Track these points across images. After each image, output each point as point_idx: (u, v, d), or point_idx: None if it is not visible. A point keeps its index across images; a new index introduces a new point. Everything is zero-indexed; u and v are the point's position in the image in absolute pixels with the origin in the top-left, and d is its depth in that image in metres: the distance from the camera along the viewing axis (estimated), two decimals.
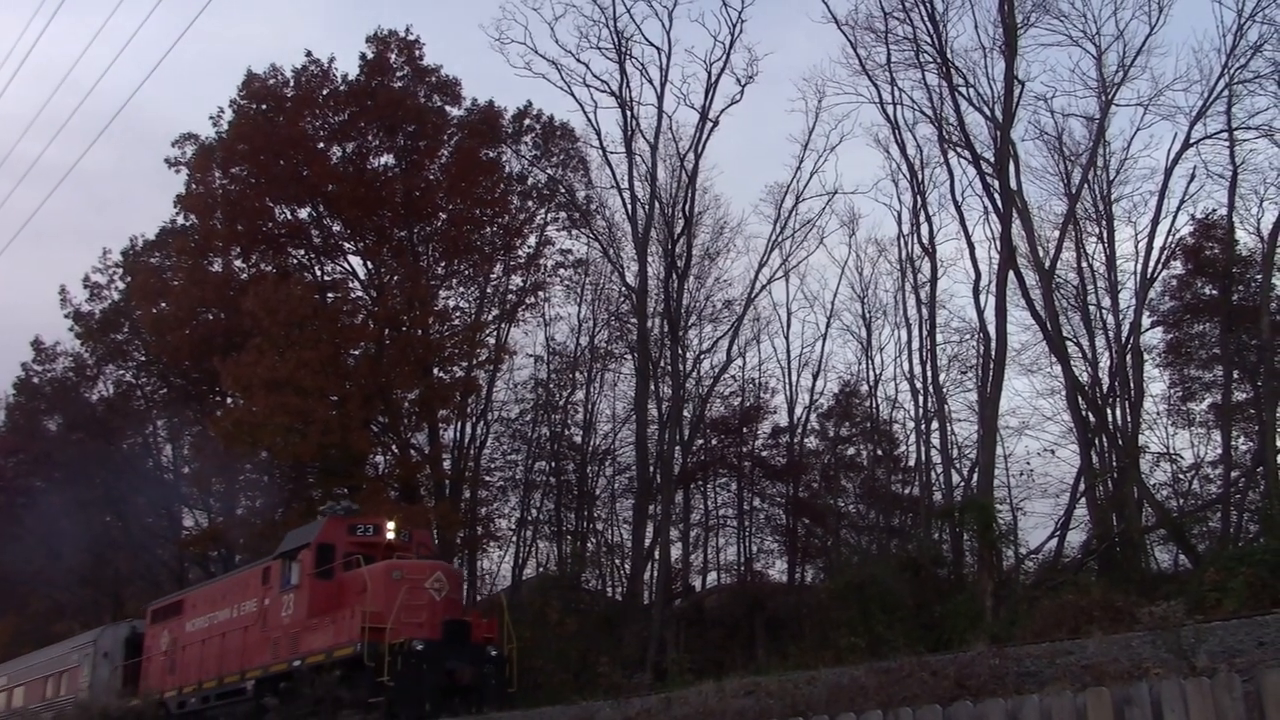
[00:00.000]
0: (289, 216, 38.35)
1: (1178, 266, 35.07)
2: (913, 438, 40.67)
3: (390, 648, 19.30)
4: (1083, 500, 32.58)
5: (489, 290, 40.38)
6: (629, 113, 37.78)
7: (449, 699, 19.57)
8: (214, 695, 23.66)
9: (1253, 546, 25.66)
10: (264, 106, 37.20)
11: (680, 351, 38.94)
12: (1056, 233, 34.45)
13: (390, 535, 22.89)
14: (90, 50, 73.23)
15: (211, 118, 37.93)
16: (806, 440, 42.77)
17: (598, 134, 38.81)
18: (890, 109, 35.09)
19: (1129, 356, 32.96)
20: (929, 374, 37.34)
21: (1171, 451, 37.10)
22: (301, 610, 22.00)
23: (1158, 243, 32.88)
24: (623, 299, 40.89)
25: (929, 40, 33.09)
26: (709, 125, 37.64)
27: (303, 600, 22.06)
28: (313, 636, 21.29)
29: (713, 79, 37.54)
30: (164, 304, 38.52)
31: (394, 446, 38.87)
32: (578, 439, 42.78)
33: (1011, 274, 31.53)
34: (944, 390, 36.92)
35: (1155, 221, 32.75)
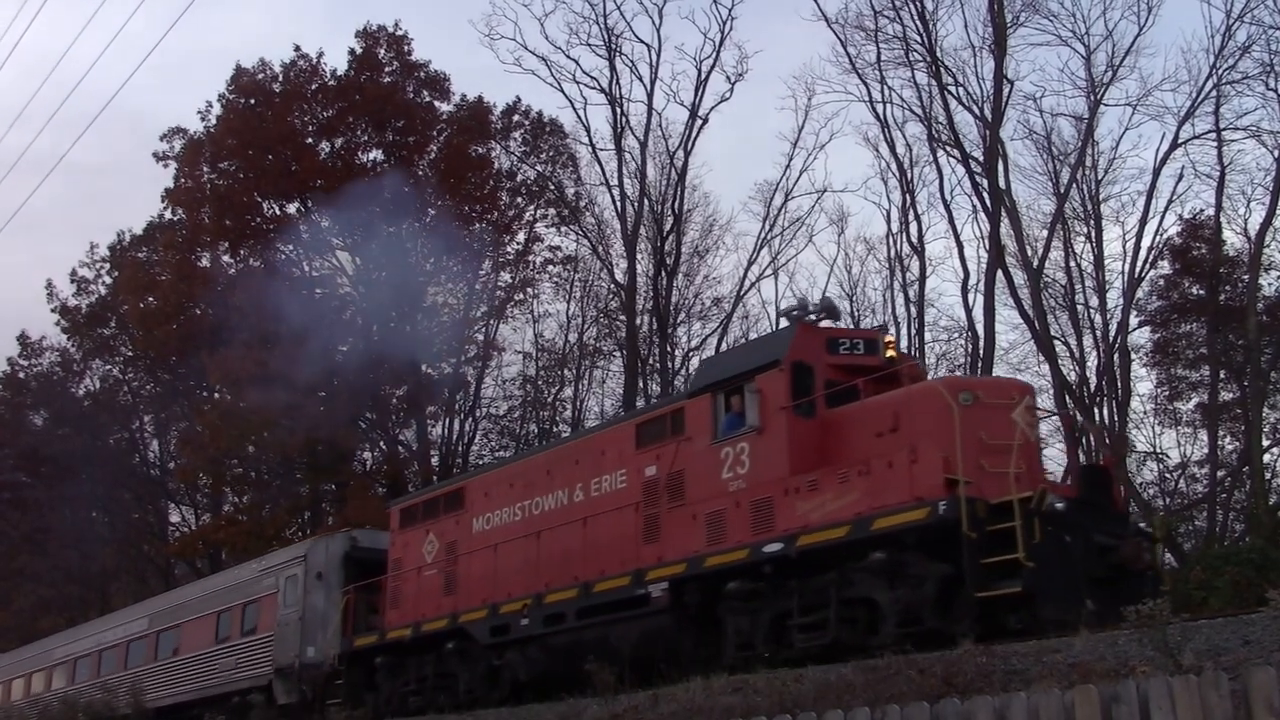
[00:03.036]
0: (277, 211, 38.24)
1: (1165, 266, 35.15)
2: None
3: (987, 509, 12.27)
4: None
5: (478, 286, 40.30)
6: (619, 110, 37.78)
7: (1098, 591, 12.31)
8: (574, 611, 16.37)
9: (1238, 545, 25.80)
10: (252, 101, 37.08)
11: (669, 349, 38.94)
12: (1045, 232, 34.50)
13: (889, 355, 15.72)
14: (80, 41, 73.01)
15: (200, 112, 37.86)
16: None
17: (587, 131, 38.81)
18: (880, 107, 35.10)
19: (1116, 356, 33.04)
20: None
21: (1158, 450, 37.22)
22: (770, 465, 14.62)
23: (1145, 242, 32.95)
24: (612, 296, 40.87)
25: (919, 39, 33.16)
26: (699, 123, 37.66)
27: (772, 449, 14.61)
28: (803, 504, 13.96)
29: (703, 76, 37.55)
30: (151, 298, 38.41)
31: (382, 442, 38.81)
32: (566, 435, 42.73)
33: (1000, 273, 31.62)
34: None
35: (1143, 221, 32.83)
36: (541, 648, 16.87)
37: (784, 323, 17.11)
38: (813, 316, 16.21)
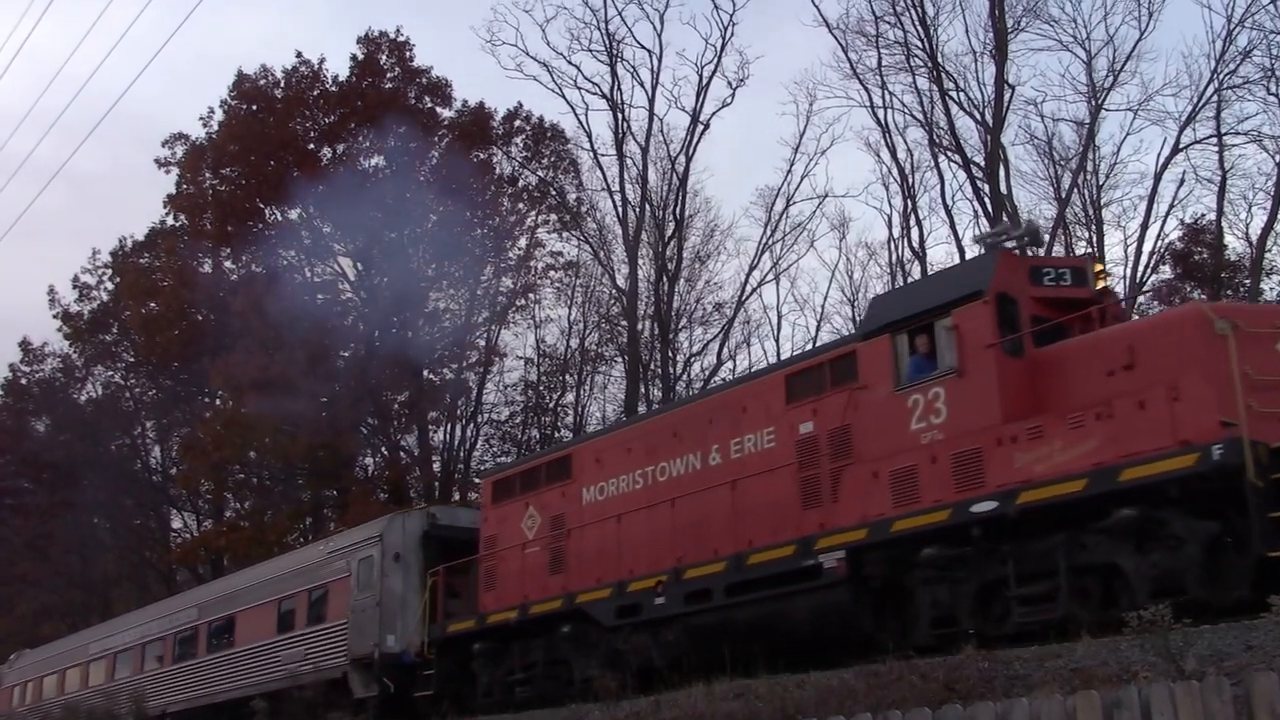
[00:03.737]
0: (279, 217, 38.27)
1: (1167, 271, 35.19)
2: None
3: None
4: None
5: (479, 292, 40.31)
6: (620, 115, 37.83)
7: None
8: (722, 588, 14.55)
9: None
10: (254, 107, 37.15)
11: (671, 354, 38.94)
12: (1046, 237, 34.48)
13: (1099, 285, 13.85)
14: (83, 46, 73.14)
15: (202, 118, 37.90)
16: None
17: (589, 136, 38.84)
18: (881, 113, 35.12)
19: None
20: None
21: None
22: (975, 412, 12.65)
23: (1147, 247, 32.98)
24: (613, 301, 40.89)
25: (920, 44, 33.23)
26: (700, 128, 37.70)
27: (978, 394, 12.69)
28: (1022, 455, 11.99)
29: (704, 82, 37.60)
30: (153, 304, 38.46)
31: (383, 448, 38.80)
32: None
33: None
34: None
35: (1145, 226, 32.88)
36: (680, 629, 15.01)
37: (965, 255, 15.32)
38: (1013, 243, 14.38)
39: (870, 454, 13.56)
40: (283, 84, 37.48)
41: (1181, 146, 31.84)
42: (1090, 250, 33.99)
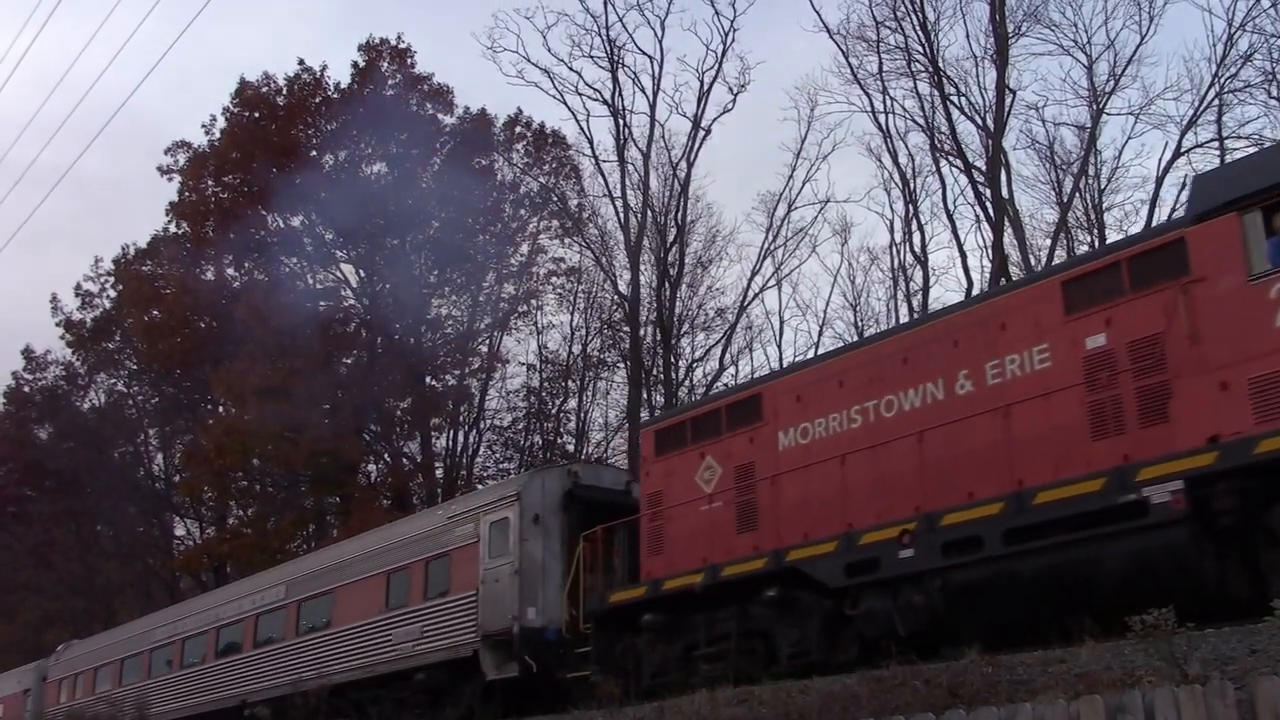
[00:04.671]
0: (281, 224, 38.34)
1: None
2: None
3: None
4: None
5: (481, 298, 40.34)
6: (621, 121, 37.81)
7: None
8: (998, 534, 12.01)
9: None
10: (256, 114, 37.23)
11: (673, 360, 38.93)
12: (1048, 241, 34.49)
13: None
14: (87, 53, 73.29)
15: (204, 125, 38.06)
16: None
17: (590, 142, 38.82)
18: (882, 118, 35.08)
19: None
20: None
21: None
22: None
23: None
24: (615, 307, 40.87)
25: (921, 49, 33.21)
26: (701, 134, 37.68)
27: None
28: None
29: (705, 87, 37.57)
30: (156, 312, 38.52)
31: (386, 455, 38.82)
32: (570, 447, 42.75)
33: (1003, 282, 31.58)
34: None
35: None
36: (935, 587, 12.47)
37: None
38: None
39: (1214, 361, 10.96)
40: (285, 91, 37.60)
41: (1183, 150, 31.83)
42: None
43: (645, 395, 38.22)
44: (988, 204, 32.28)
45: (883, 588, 12.97)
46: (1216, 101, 31.10)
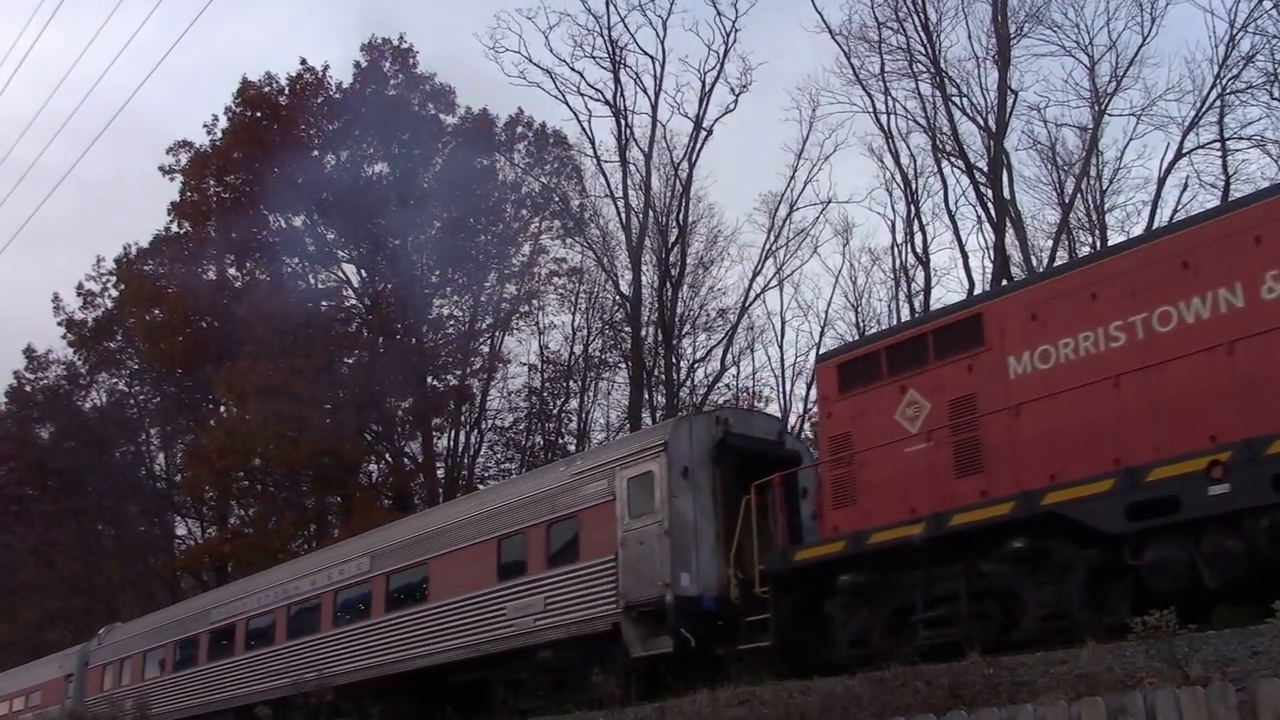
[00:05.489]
0: (283, 224, 38.37)
1: None
2: None
3: None
4: None
5: (483, 299, 40.36)
6: (623, 121, 37.83)
7: None
8: None
9: None
10: (258, 114, 37.27)
11: (674, 360, 38.93)
12: (1050, 242, 34.49)
13: None
14: (89, 53, 73.34)
15: (206, 125, 38.07)
16: None
17: (592, 142, 38.84)
18: (884, 118, 35.08)
19: None
20: None
21: None
22: None
23: None
24: (617, 308, 40.88)
25: (922, 50, 33.24)
26: (703, 134, 37.69)
27: None
28: None
29: (707, 88, 37.59)
30: (158, 311, 38.54)
31: (387, 455, 38.84)
32: (572, 448, 42.78)
33: (1005, 283, 31.58)
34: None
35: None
36: (1258, 529, 10.49)
37: None
38: None
39: None
40: (287, 91, 37.63)
41: (1185, 151, 31.82)
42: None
43: (647, 396, 38.22)
44: (989, 205, 32.30)
45: (1178, 533, 11.02)
46: (1218, 103, 31.11)
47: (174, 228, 39.84)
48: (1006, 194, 31.89)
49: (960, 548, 12.59)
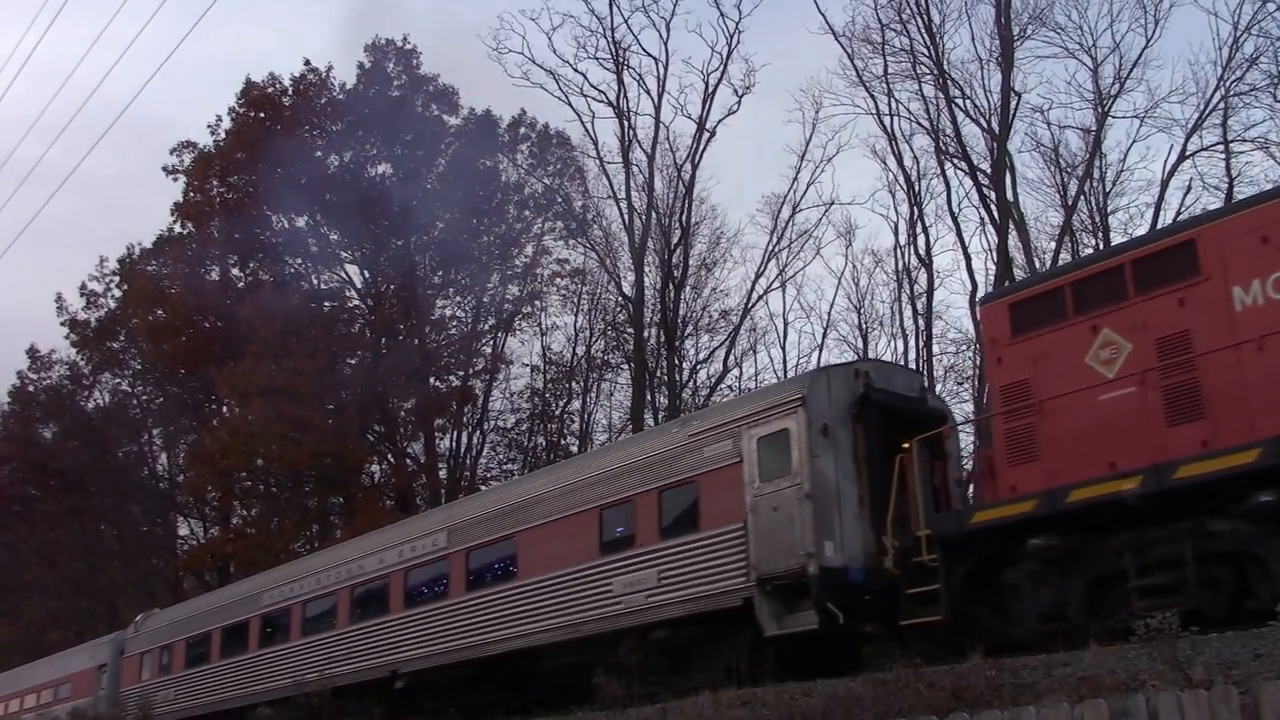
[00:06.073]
0: (286, 224, 38.40)
1: None
2: None
3: None
4: None
5: (486, 300, 40.39)
6: (626, 123, 37.83)
7: None
8: None
9: None
10: (262, 114, 37.31)
11: (677, 361, 38.91)
12: (1053, 244, 34.43)
13: None
14: (93, 53, 73.41)
15: (210, 126, 38.09)
16: None
17: (595, 144, 38.84)
18: (887, 120, 35.04)
19: None
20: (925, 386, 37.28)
21: None
22: None
23: None
24: (619, 309, 40.88)
25: (926, 52, 33.21)
26: (706, 136, 37.67)
27: None
28: None
29: (710, 90, 37.57)
30: (161, 312, 38.57)
31: (390, 455, 38.85)
32: (574, 449, 42.79)
33: (1008, 285, 31.58)
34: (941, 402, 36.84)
35: None
36: None
37: None
38: None
39: None
40: (290, 91, 37.67)
41: (1188, 154, 31.76)
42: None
43: (649, 397, 38.22)
44: (992, 207, 32.29)
45: None
46: (1222, 105, 31.05)
47: (177, 228, 39.92)
48: (1009, 196, 31.89)
49: (1182, 505, 11.07)
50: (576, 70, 39.03)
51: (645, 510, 16.19)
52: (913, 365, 35.98)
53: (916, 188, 36.18)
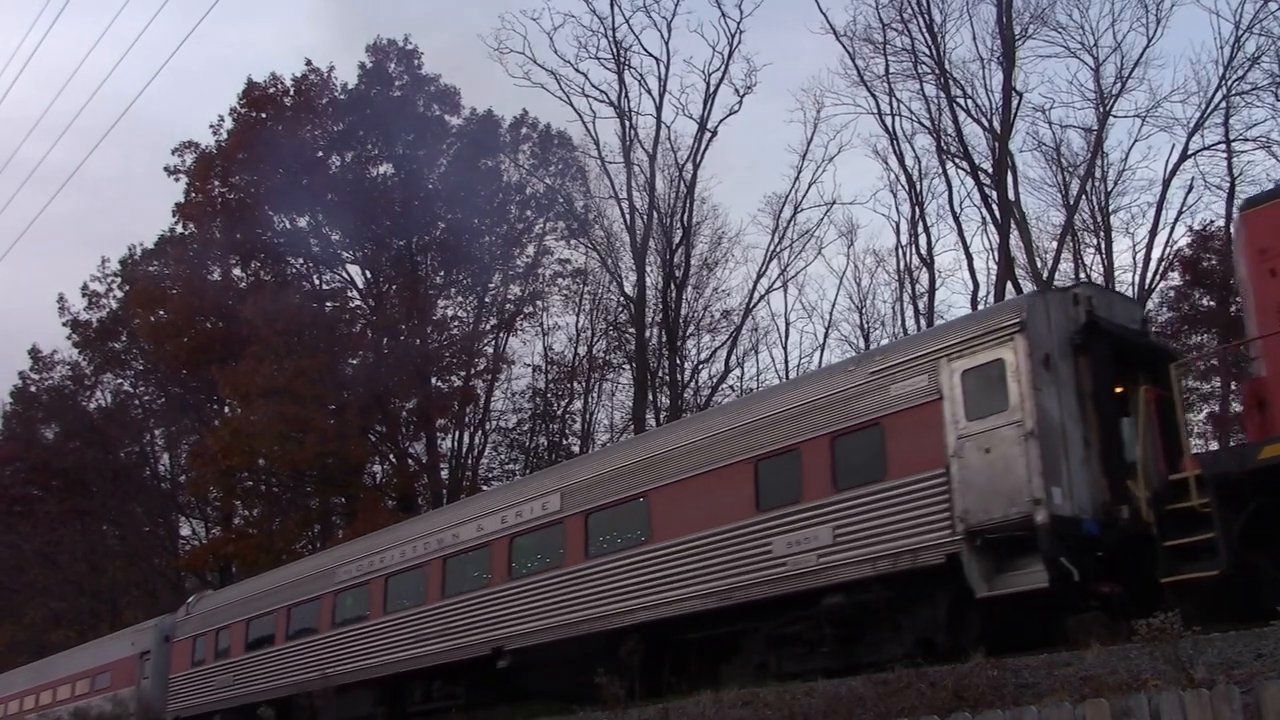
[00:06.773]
0: (288, 225, 38.43)
1: (1175, 278, 35.10)
2: None
3: None
4: None
5: (487, 300, 40.41)
6: (627, 123, 37.83)
7: None
8: None
9: None
10: (263, 115, 37.34)
11: (678, 361, 38.93)
12: (1054, 244, 34.48)
13: None
14: (95, 53, 73.49)
15: (212, 126, 38.14)
16: None
17: (596, 144, 38.85)
18: (889, 120, 35.08)
19: None
20: None
21: None
22: None
23: (1155, 254, 32.76)
24: (621, 309, 40.92)
25: (927, 51, 33.22)
26: (707, 135, 37.69)
27: None
28: None
29: (711, 89, 37.58)
30: (162, 312, 38.62)
31: (391, 455, 38.87)
32: (576, 449, 42.81)
33: (1009, 285, 31.57)
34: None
35: (1153, 233, 32.75)
36: None
37: None
38: None
39: None
40: (292, 92, 37.69)
41: (1190, 153, 31.81)
42: (1100, 257, 33.85)
43: (651, 397, 38.23)
44: (994, 206, 32.30)
45: None
46: (1224, 104, 31.10)
47: (179, 228, 39.99)
48: (1011, 195, 31.89)
49: None
50: (578, 70, 39.09)
51: (814, 459, 14.25)
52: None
53: (918, 187, 36.24)
